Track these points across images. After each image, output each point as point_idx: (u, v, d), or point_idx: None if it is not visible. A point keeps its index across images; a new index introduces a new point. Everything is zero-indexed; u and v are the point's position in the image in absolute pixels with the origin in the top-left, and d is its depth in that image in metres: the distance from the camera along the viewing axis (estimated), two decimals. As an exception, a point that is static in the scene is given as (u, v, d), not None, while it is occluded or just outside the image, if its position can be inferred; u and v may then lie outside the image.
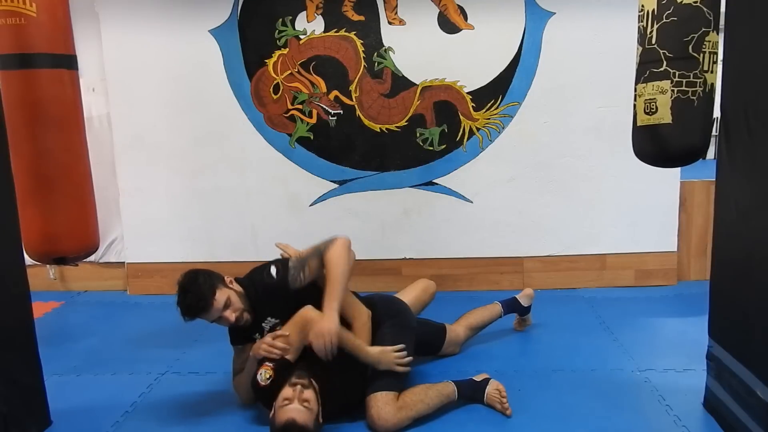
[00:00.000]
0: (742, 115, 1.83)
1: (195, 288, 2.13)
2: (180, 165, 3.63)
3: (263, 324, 2.28)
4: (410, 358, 2.23)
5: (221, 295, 2.14)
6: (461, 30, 3.43)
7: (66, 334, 3.15)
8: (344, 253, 2.26)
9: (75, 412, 2.31)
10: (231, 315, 2.15)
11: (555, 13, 3.38)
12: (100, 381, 2.61)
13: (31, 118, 2.70)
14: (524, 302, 2.86)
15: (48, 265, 3.54)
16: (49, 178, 2.79)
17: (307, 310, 2.15)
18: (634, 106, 2.06)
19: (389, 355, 2.17)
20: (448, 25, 3.43)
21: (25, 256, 2.37)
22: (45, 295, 3.62)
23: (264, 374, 2.08)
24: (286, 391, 1.98)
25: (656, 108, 1.94)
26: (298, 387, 1.98)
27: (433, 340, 2.61)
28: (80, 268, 3.56)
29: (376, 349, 2.19)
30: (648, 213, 3.52)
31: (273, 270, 2.27)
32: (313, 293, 2.23)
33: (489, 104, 3.48)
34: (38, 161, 2.76)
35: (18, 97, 2.65)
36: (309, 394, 1.99)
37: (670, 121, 1.92)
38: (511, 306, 2.84)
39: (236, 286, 2.25)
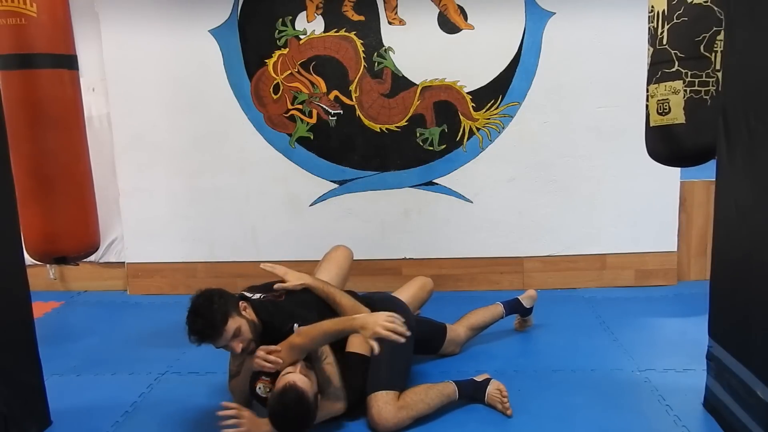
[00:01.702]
0: (742, 115, 1.83)
1: (208, 314, 2.03)
2: (180, 165, 3.63)
3: None
4: (409, 333, 2.03)
5: (232, 324, 2.05)
6: (461, 30, 3.43)
7: (66, 334, 3.15)
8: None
9: (75, 412, 2.31)
10: (238, 345, 2.07)
11: (555, 13, 3.38)
12: (100, 381, 2.61)
13: (31, 118, 2.70)
14: (527, 303, 2.86)
15: (48, 265, 3.54)
16: (50, 178, 2.79)
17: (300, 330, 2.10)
18: (647, 107, 2.05)
19: (376, 317, 1.97)
20: (448, 25, 3.43)
21: (26, 255, 2.37)
22: (45, 295, 3.62)
23: (264, 388, 2.08)
24: (288, 368, 1.99)
25: (669, 108, 1.93)
26: (301, 363, 2.00)
27: (433, 339, 2.61)
28: (80, 268, 3.56)
29: (361, 315, 2.06)
30: (648, 213, 3.52)
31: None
32: (311, 305, 2.26)
33: (489, 104, 3.48)
34: (38, 161, 2.76)
35: (18, 97, 2.65)
36: (308, 372, 2.01)
37: (684, 121, 1.91)
38: (513, 307, 2.84)
39: (249, 313, 2.15)
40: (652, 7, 1.98)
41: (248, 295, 2.31)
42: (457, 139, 3.52)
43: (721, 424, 2.07)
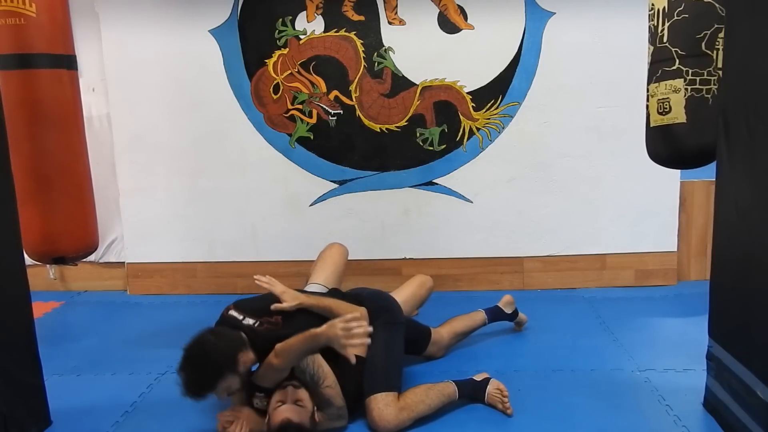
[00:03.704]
0: (742, 115, 1.83)
1: (200, 371, 1.95)
2: (180, 165, 3.63)
3: None
4: (369, 328, 1.99)
5: (224, 383, 1.98)
6: (461, 30, 3.43)
7: (66, 334, 3.15)
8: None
9: (75, 412, 2.31)
10: (224, 396, 2.05)
11: (555, 13, 3.38)
12: (100, 381, 2.61)
13: (30, 118, 2.70)
14: (507, 309, 2.86)
15: (48, 265, 3.53)
16: (49, 178, 2.79)
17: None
18: (647, 106, 2.02)
19: (334, 328, 1.93)
20: (448, 25, 3.43)
21: (25, 256, 2.37)
22: (45, 295, 3.62)
23: (260, 403, 2.07)
24: (278, 394, 1.99)
25: (670, 107, 1.91)
26: (290, 388, 1.99)
27: (418, 340, 2.60)
28: (80, 268, 3.56)
29: (323, 328, 1.95)
30: (648, 213, 3.52)
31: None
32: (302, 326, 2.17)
33: (489, 104, 3.48)
34: (38, 161, 2.76)
35: (18, 97, 2.65)
36: (301, 393, 2.00)
37: (685, 121, 1.88)
38: (495, 314, 2.83)
39: (245, 365, 2.05)
40: (653, 4, 1.96)
41: (239, 317, 2.19)
42: (457, 139, 3.52)
43: (721, 424, 2.07)
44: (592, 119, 3.46)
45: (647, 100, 2.00)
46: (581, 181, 3.52)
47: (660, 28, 1.91)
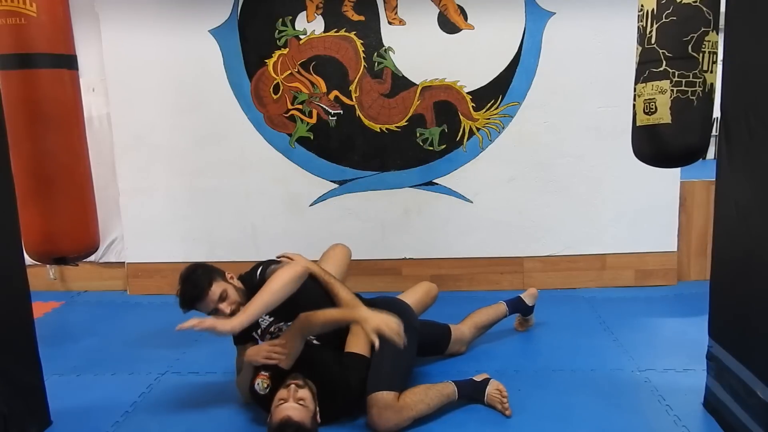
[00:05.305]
0: (742, 115, 1.83)
1: (192, 278, 2.18)
2: (180, 165, 3.63)
3: (260, 321, 2.29)
4: (402, 346, 2.05)
5: (217, 287, 2.17)
6: (461, 30, 3.43)
7: (66, 334, 3.15)
8: (287, 276, 2.18)
9: (75, 412, 2.31)
10: (226, 308, 2.17)
11: (555, 13, 3.38)
12: (100, 381, 2.61)
13: (31, 118, 2.71)
14: (529, 302, 2.88)
15: (48, 265, 3.54)
16: (50, 178, 2.79)
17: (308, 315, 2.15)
18: (634, 106, 2.06)
19: (386, 316, 2.04)
20: (448, 25, 3.43)
21: (26, 256, 2.37)
22: (45, 295, 3.62)
23: (262, 384, 2.10)
24: (281, 392, 2.00)
25: (656, 108, 1.94)
26: (293, 387, 2.00)
27: (438, 341, 2.61)
28: (80, 268, 3.56)
29: (367, 309, 2.11)
30: (648, 213, 3.52)
31: (274, 267, 2.29)
32: (311, 291, 2.26)
33: (489, 104, 3.48)
34: (38, 161, 2.76)
35: (18, 97, 2.66)
36: (304, 393, 2.00)
37: (670, 121, 1.92)
38: (516, 306, 2.85)
39: (236, 282, 2.29)
40: (642, 6, 1.99)
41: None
42: (457, 139, 3.52)
43: (721, 424, 2.07)
44: (592, 119, 3.46)
45: (634, 99, 2.03)
46: (581, 181, 3.52)
47: (648, 30, 1.94)
